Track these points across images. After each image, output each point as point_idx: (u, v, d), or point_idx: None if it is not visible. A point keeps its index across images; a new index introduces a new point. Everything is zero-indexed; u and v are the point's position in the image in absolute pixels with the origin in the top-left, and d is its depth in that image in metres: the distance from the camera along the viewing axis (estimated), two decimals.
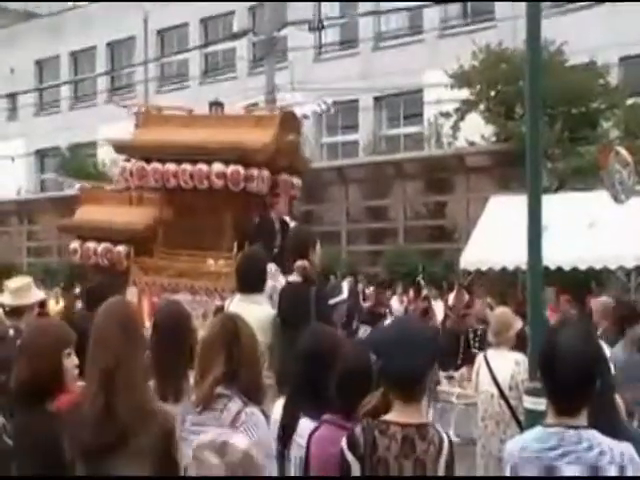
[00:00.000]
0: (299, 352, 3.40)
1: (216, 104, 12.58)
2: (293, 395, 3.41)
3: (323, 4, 23.48)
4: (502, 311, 5.34)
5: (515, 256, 8.73)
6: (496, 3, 20.35)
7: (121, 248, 8.07)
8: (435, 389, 9.13)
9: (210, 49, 26.67)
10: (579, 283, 12.30)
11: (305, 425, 3.15)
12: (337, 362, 3.18)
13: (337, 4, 23.91)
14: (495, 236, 11.92)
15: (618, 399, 3.45)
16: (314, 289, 5.69)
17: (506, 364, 4.92)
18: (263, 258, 5.73)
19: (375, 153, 22.40)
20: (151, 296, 7.86)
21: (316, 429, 3.09)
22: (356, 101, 22.77)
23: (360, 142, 23.46)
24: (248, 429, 2.84)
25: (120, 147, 8.61)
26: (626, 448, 2.64)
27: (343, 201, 21.76)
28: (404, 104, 23.07)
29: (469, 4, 21.88)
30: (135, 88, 28.34)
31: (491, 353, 5.03)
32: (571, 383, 2.65)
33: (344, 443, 2.74)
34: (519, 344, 5.21)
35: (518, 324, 5.26)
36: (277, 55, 18.59)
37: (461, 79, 17.79)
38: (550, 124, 15.32)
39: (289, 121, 7.92)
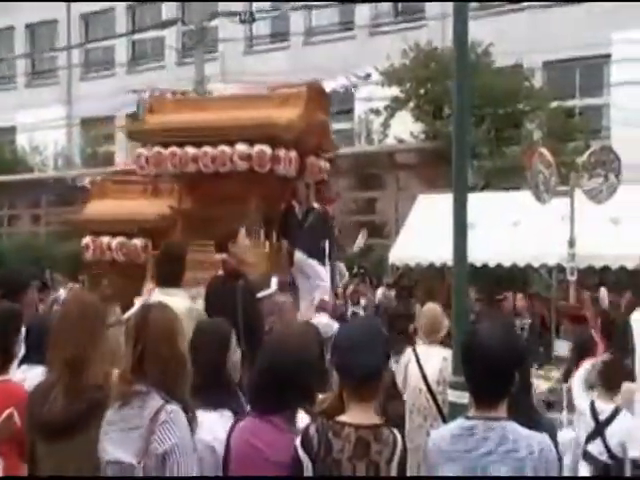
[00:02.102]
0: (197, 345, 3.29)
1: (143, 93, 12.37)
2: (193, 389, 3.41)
3: None
4: (432, 307, 5.44)
5: (442, 253, 8.94)
6: (426, 2, 20.66)
7: (137, 241, 7.63)
8: None
9: (137, 36, 26.25)
10: (502, 280, 12.64)
11: (202, 415, 3.05)
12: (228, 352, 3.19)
13: None
14: (423, 233, 12.13)
15: None
16: (241, 283, 5.69)
17: (435, 359, 5.03)
18: (180, 251, 5.68)
19: None
20: None
21: (237, 421, 3.03)
22: None
23: None
24: (168, 429, 2.76)
25: (133, 133, 8.08)
26: (542, 439, 2.76)
27: None
28: (335, 100, 23.16)
29: (400, 2, 22.18)
30: (57, 73, 27.65)
31: (420, 348, 5.14)
32: (490, 376, 2.76)
33: (298, 442, 2.72)
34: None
35: (447, 320, 5.38)
36: (207, 46, 18.44)
37: (391, 77, 18.01)
38: (477, 124, 15.67)
39: (317, 98, 7.37)
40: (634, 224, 10.14)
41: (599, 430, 5.07)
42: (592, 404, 5.16)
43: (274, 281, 7.51)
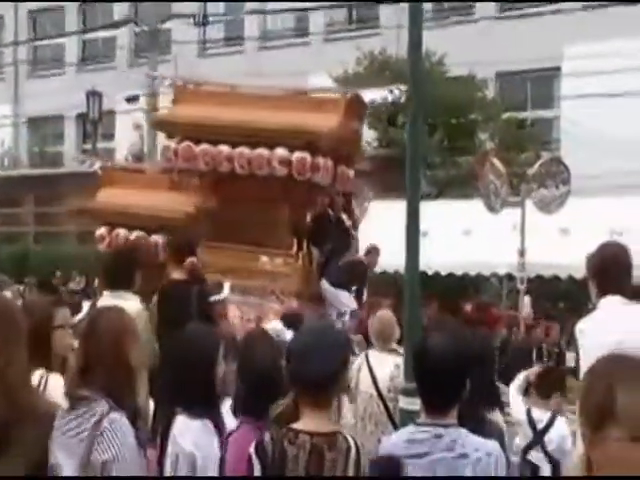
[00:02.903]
0: (173, 351, 3.32)
1: (94, 94, 12.15)
2: (168, 394, 3.35)
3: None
4: (384, 313, 5.48)
5: (394, 260, 9.02)
6: (381, 11, 20.86)
7: (157, 237, 7.21)
8: None
9: (88, 36, 25.92)
10: (455, 289, 12.80)
11: (182, 422, 3.07)
12: (215, 359, 3.15)
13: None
14: (375, 239, 12.23)
15: None
16: (196, 287, 5.68)
17: (386, 366, 5.07)
18: (129, 253, 5.63)
19: None
20: None
21: (234, 430, 3.04)
22: None
23: None
24: (109, 438, 2.69)
25: (160, 123, 7.73)
26: (493, 446, 2.81)
27: None
28: None
29: (354, 10, 22.36)
30: (3, 70, 27.13)
31: (373, 354, 5.16)
32: (441, 383, 2.79)
33: (252, 450, 2.69)
34: None
35: (398, 327, 5.42)
36: (160, 47, 18.31)
37: (345, 84, 18.10)
38: (430, 133, 15.85)
39: (355, 106, 7.22)
40: (583, 234, 10.37)
41: (537, 439, 5.18)
42: (529, 413, 5.26)
43: (226, 286, 7.48)
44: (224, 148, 7.02)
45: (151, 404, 4.48)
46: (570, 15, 17.62)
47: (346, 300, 7.08)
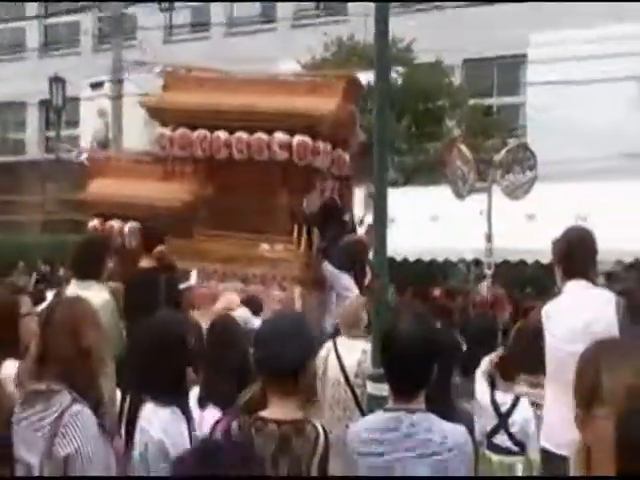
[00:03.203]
0: (142, 339, 3.27)
1: (57, 80, 11.81)
2: (136, 382, 3.34)
3: None
4: (352, 300, 5.49)
5: None
6: None
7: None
8: None
9: (50, 20, 25.50)
10: (423, 275, 12.88)
11: (150, 410, 3.04)
12: (185, 346, 3.12)
13: None
14: None
15: None
16: (164, 275, 5.65)
17: (354, 352, 5.08)
18: (99, 243, 5.57)
19: None
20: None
21: (221, 420, 3.03)
22: None
23: None
24: (71, 431, 2.66)
25: (154, 110, 7.43)
26: (459, 431, 2.83)
27: None
28: None
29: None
30: None
31: (340, 341, 5.17)
32: (408, 368, 2.80)
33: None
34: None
35: (366, 313, 5.43)
36: (125, 33, 18.09)
37: (313, 70, 18.04)
38: (398, 119, 15.88)
39: (352, 88, 7.11)
40: (549, 220, 10.47)
41: (502, 422, 5.25)
42: (492, 396, 5.33)
43: (194, 273, 7.44)
44: (221, 134, 6.93)
45: (118, 393, 4.45)
46: (536, 3, 17.75)
47: (347, 282, 7.05)
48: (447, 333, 6.34)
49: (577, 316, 4.04)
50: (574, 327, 4.00)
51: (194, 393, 3.69)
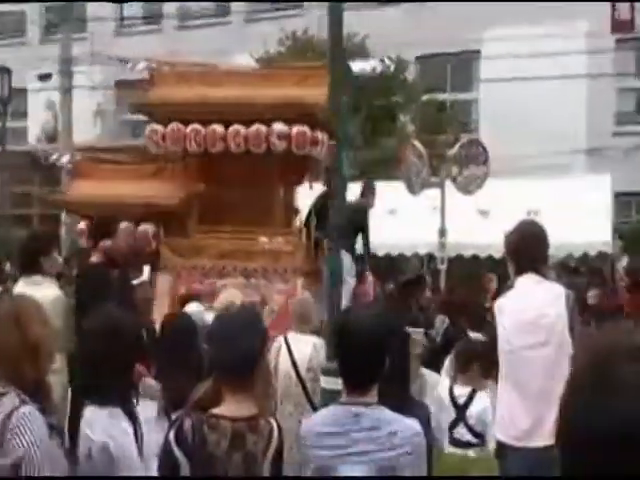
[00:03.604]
0: (86, 337, 3.20)
1: (3, 70, 11.44)
2: (80, 382, 3.29)
3: None
4: (304, 296, 5.49)
5: None
6: None
7: (147, 226, 6.96)
8: None
9: None
10: (378, 269, 12.93)
11: (92, 412, 2.97)
12: (131, 345, 3.07)
13: None
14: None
15: None
16: (116, 271, 5.57)
17: (305, 347, 5.09)
18: (44, 237, 5.47)
19: None
20: (191, 282, 6.79)
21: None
22: None
23: None
24: (19, 434, 2.58)
25: (140, 106, 7.33)
26: (410, 424, 2.83)
27: None
28: None
29: None
30: None
31: (292, 336, 5.18)
32: (360, 361, 2.81)
33: (172, 438, 2.65)
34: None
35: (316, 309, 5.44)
36: (74, 24, 17.77)
37: (268, 64, 17.98)
38: (353, 115, 15.90)
39: (345, 77, 6.89)
40: (501, 214, 10.62)
41: (460, 415, 5.31)
42: (450, 390, 5.39)
43: (146, 269, 7.36)
44: (217, 127, 6.85)
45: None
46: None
47: (348, 263, 7.02)
48: (401, 326, 6.37)
49: (527, 310, 4.10)
50: (524, 321, 4.06)
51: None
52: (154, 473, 2.90)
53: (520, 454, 3.93)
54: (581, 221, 11.52)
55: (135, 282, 6.38)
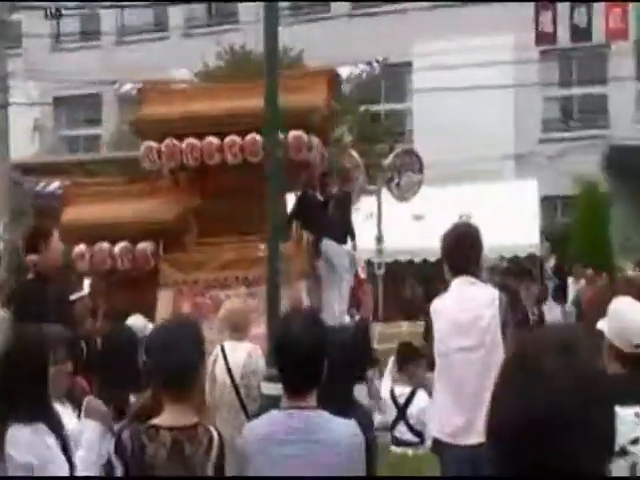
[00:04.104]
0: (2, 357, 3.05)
1: None
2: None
3: None
4: (235, 305, 5.43)
5: None
6: (240, 6, 20.71)
7: (145, 245, 6.80)
8: None
9: None
10: None
11: (13, 433, 2.86)
12: (43, 361, 2.97)
13: None
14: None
15: None
16: (52, 286, 5.41)
17: (240, 354, 5.07)
18: None
19: (120, 149, 21.82)
20: (193, 296, 6.68)
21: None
22: (98, 95, 22.06)
23: (104, 136, 22.76)
24: None
25: (136, 124, 7.17)
26: (348, 425, 2.83)
27: None
28: None
29: (214, 5, 22.09)
30: None
31: (228, 344, 5.15)
32: (299, 368, 2.81)
33: (112, 447, 2.65)
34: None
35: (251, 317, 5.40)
36: (8, 40, 17.40)
37: (206, 78, 17.88)
38: None
39: (333, 83, 7.09)
40: (436, 219, 10.74)
41: (400, 414, 5.33)
42: (392, 391, 5.40)
43: (86, 283, 7.20)
44: (213, 139, 6.77)
45: None
46: (420, 13, 18.20)
47: (346, 262, 7.10)
48: (341, 333, 6.36)
49: (463, 312, 4.11)
50: (460, 323, 4.08)
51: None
52: None
53: (455, 451, 3.96)
54: (511, 224, 11.74)
55: (73, 297, 6.20)
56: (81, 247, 7.23)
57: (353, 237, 7.98)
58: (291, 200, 7.68)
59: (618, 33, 14.64)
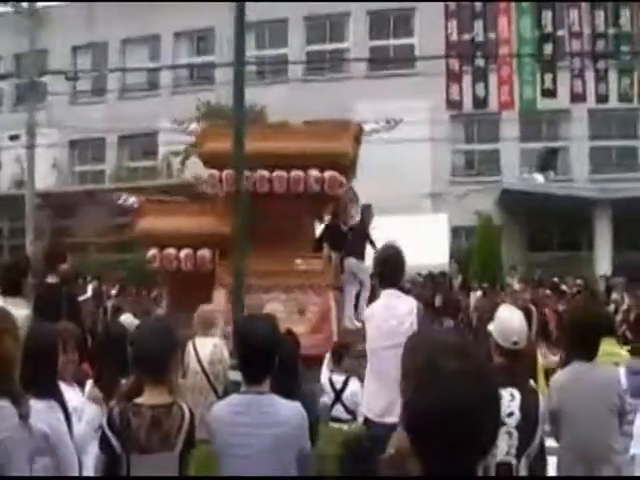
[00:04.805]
0: (24, 347, 2.92)
1: None
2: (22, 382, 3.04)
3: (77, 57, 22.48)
4: (207, 308, 5.33)
5: None
6: (216, 71, 20.81)
7: (205, 252, 6.82)
8: None
9: None
10: None
11: (37, 406, 2.72)
12: (53, 352, 2.92)
13: (89, 58, 22.87)
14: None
15: None
16: (65, 288, 5.36)
17: (207, 347, 5.04)
18: (19, 265, 5.11)
19: (119, 181, 21.68)
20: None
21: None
22: (103, 139, 21.99)
23: (107, 171, 22.66)
24: None
25: (205, 156, 7.14)
26: (293, 406, 2.82)
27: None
28: (141, 144, 22.79)
29: (195, 70, 22.47)
30: None
31: (198, 339, 5.09)
32: (255, 360, 2.79)
33: (105, 422, 2.66)
34: None
35: (218, 317, 5.30)
36: (37, 96, 17.33)
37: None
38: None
39: (358, 133, 7.26)
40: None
41: (337, 397, 5.29)
42: (330, 378, 5.38)
43: (89, 288, 7.07)
44: (264, 173, 6.83)
45: None
46: (359, 80, 18.47)
47: (367, 274, 7.09)
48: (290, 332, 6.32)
49: (388, 318, 4.12)
50: (385, 326, 4.08)
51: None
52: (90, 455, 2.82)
53: (379, 426, 3.94)
54: (427, 247, 11.83)
55: (81, 298, 6.11)
56: (153, 251, 7.21)
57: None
58: (319, 227, 7.75)
59: (507, 104, 15.05)
